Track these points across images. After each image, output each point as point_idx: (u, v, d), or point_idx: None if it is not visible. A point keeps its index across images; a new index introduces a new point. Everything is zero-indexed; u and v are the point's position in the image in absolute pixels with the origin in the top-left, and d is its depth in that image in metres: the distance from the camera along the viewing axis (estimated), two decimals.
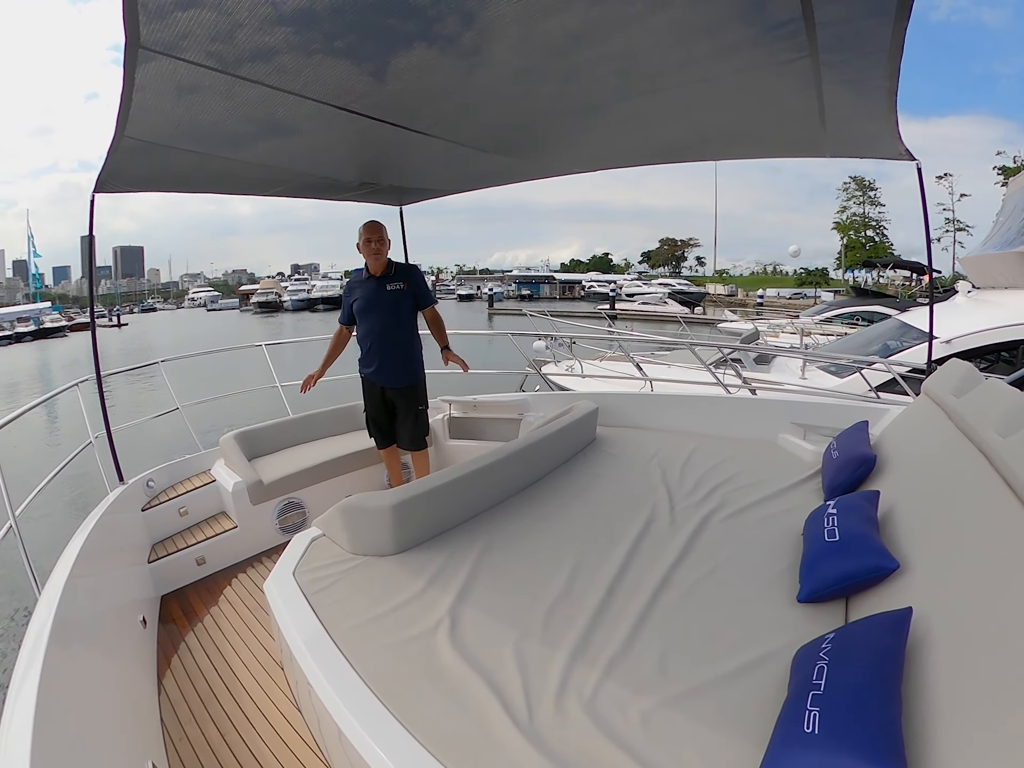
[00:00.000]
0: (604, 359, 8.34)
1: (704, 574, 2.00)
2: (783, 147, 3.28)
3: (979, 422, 2.04)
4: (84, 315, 67.57)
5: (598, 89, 2.30)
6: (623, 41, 1.88)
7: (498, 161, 3.35)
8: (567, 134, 2.91)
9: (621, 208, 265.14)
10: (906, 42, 1.72)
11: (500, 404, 4.21)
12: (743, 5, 1.70)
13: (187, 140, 2.52)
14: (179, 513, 3.25)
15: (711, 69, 2.14)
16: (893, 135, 2.58)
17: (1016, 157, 46.37)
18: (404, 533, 2.25)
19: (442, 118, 2.59)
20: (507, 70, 2.01)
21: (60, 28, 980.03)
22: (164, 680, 2.28)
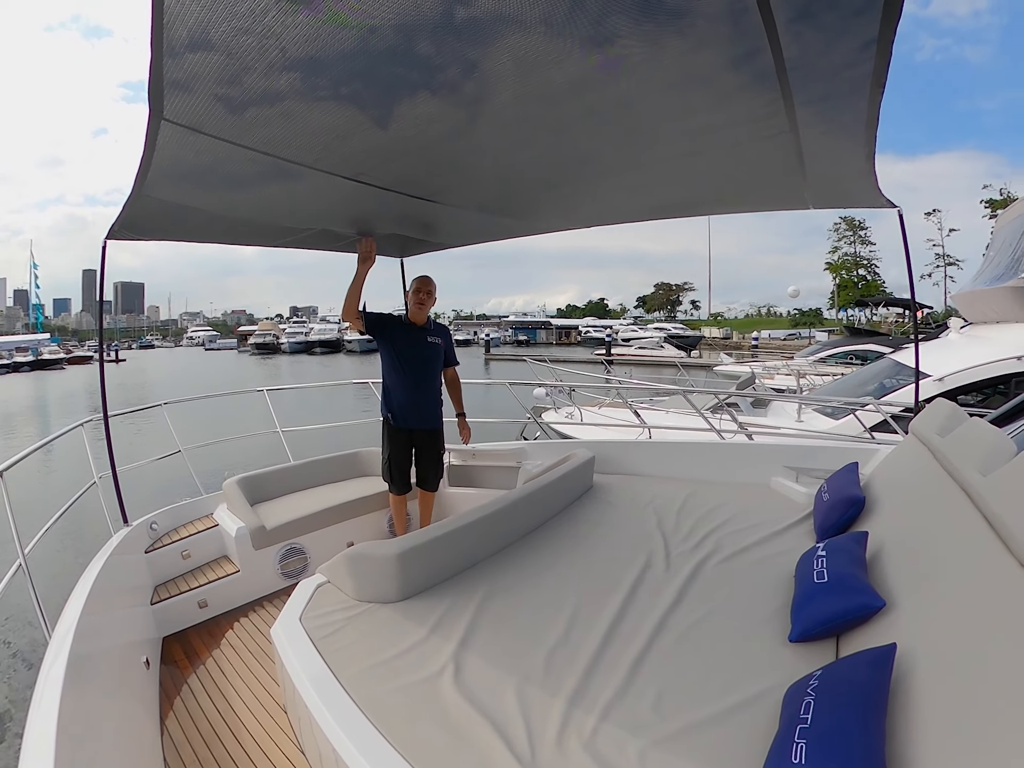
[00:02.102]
0: (603, 406, 8.42)
1: (699, 617, 2.05)
2: (769, 203, 3.43)
3: (961, 461, 2.10)
4: (82, 348, 67.72)
5: (593, 157, 2.46)
6: (616, 117, 2.03)
7: (499, 221, 3.52)
8: (563, 197, 3.07)
9: (617, 254, 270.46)
10: (892, 84, 1.79)
11: (499, 452, 4.29)
12: (728, 88, 1.83)
13: (198, 198, 2.66)
14: (182, 556, 3.29)
15: (699, 143, 2.30)
16: (873, 188, 2.71)
17: (1002, 189, 47.33)
18: (408, 581, 2.30)
19: (443, 186, 2.75)
20: (505, 120, 2.07)
21: (74, 62, 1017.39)
22: (167, 721, 2.29)
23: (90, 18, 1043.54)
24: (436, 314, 32.06)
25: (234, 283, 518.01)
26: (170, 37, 1.38)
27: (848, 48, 1.56)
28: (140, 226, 2.87)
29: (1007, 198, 44.21)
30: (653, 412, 7.48)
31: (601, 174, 2.70)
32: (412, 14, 1.40)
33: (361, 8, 1.38)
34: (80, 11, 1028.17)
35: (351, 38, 1.47)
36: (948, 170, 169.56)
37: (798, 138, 2.15)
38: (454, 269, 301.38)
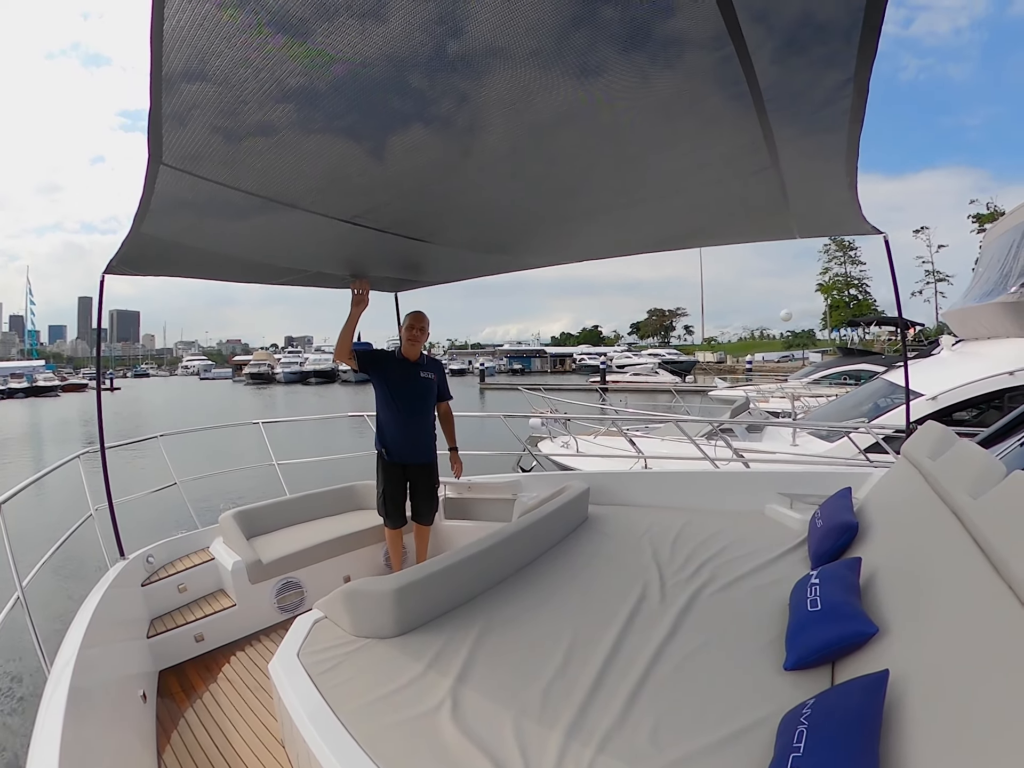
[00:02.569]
0: (598, 435, 8.43)
1: (695, 648, 2.05)
2: (756, 234, 3.50)
3: (952, 484, 2.13)
4: (77, 376, 67.54)
5: (583, 196, 2.52)
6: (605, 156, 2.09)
7: (491, 258, 3.59)
8: (554, 235, 3.13)
9: (610, 281, 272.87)
10: (877, 104, 1.89)
11: (494, 485, 4.30)
12: (712, 122, 1.88)
13: (196, 238, 2.71)
14: (178, 589, 3.28)
15: (686, 181, 2.37)
16: (858, 216, 2.76)
17: (989, 203, 47.99)
18: (405, 616, 2.30)
19: (436, 227, 2.81)
20: (497, 152, 2.10)
21: (73, 89, 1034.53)
22: (164, 755, 2.28)
23: (90, 46, 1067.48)
24: (431, 344, 31.88)
25: (229, 312, 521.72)
26: (168, 69, 1.39)
27: (826, 86, 1.61)
28: (138, 262, 2.91)
29: (994, 212, 44.88)
30: (648, 440, 7.50)
31: (590, 212, 2.76)
32: (404, 47, 1.42)
33: (353, 49, 1.41)
34: (80, 39, 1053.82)
35: (344, 71, 1.49)
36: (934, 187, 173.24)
37: (780, 173, 2.22)
38: (448, 299, 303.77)
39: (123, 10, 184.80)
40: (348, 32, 1.34)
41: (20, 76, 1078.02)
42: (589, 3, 1.30)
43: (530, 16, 1.32)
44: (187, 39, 1.30)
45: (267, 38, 1.35)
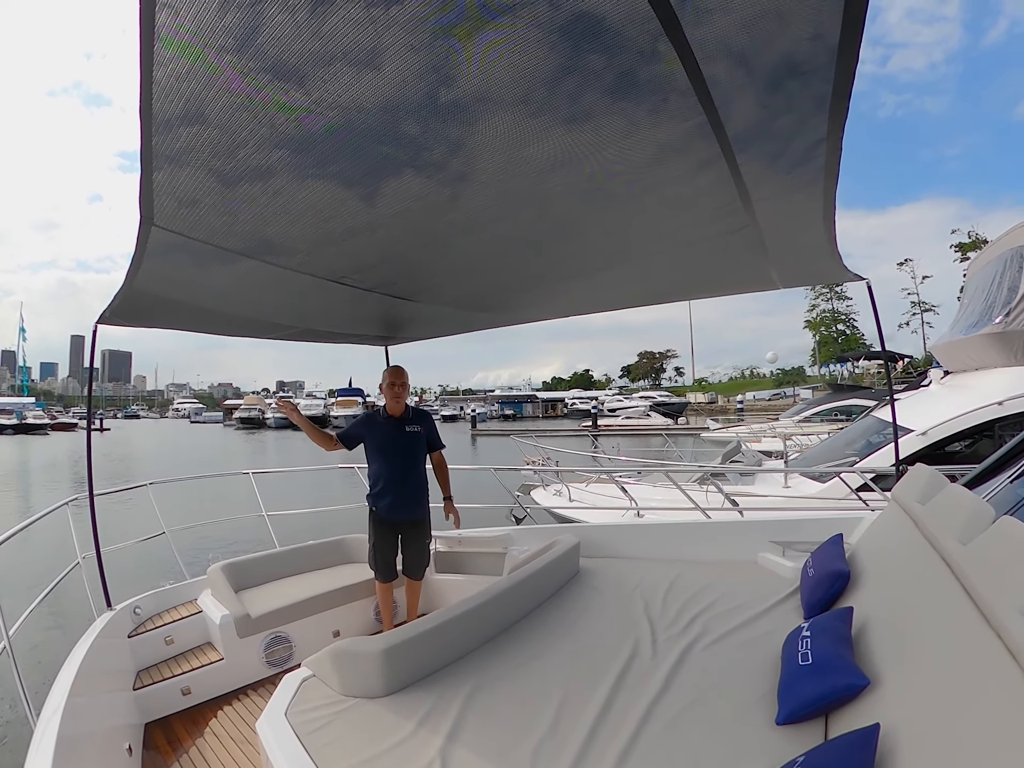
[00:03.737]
0: (590, 482, 8.41)
1: (686, 704, 2.03)
2: (740, 287, 3.60)
3: (941, 530, 2.13)
4: (67, 415, 66.81)
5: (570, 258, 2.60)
6: (588, 226, 2.17)
7: (479, 316, 3.67)
8: (540, 293, 3.22)
9: (600, 325, 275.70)
10: (857, 141, 2.00)
11: (485, 539, 4.26)
12: (690, 194, 1.97)
13: (188, 294, 2.77)
14: (165, 642, 3.23)
15: (668, 243, 2.45)
16: (839, 267, 2.84)
17: (971, 232, 48.73)
18: (394, 676, 2.27)
19: (424, 287, 2.88)
20: (487, 199, 2.12)
21: (72, 128, 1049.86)
22: None
23: (91, 85, 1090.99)
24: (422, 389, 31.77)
25: (221, 355, 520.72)
26: (165, 114, 1.43)
27: (799, 148, 1.67)
28: (130, 315, 2.96)
29: (976, 240, 45.58)
30: (641, 488, 7.47)
31: (575, 272, 2.84)
32: (396, 96, 1.46)
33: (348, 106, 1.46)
34: (82, 78, 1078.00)
35: (337, 116, 1.53)
36: (917, 219, 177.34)
37: (759, 230, 2.30)
38: (439, 344, 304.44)
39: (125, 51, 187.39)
40: (342, 79, 1.38)
41: (21, 112, 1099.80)
42: (579, 53, 1.32)
43: (520, 65, 1.36)
44: (185, 84, 1.34)
45: (264, 86, 1.38)
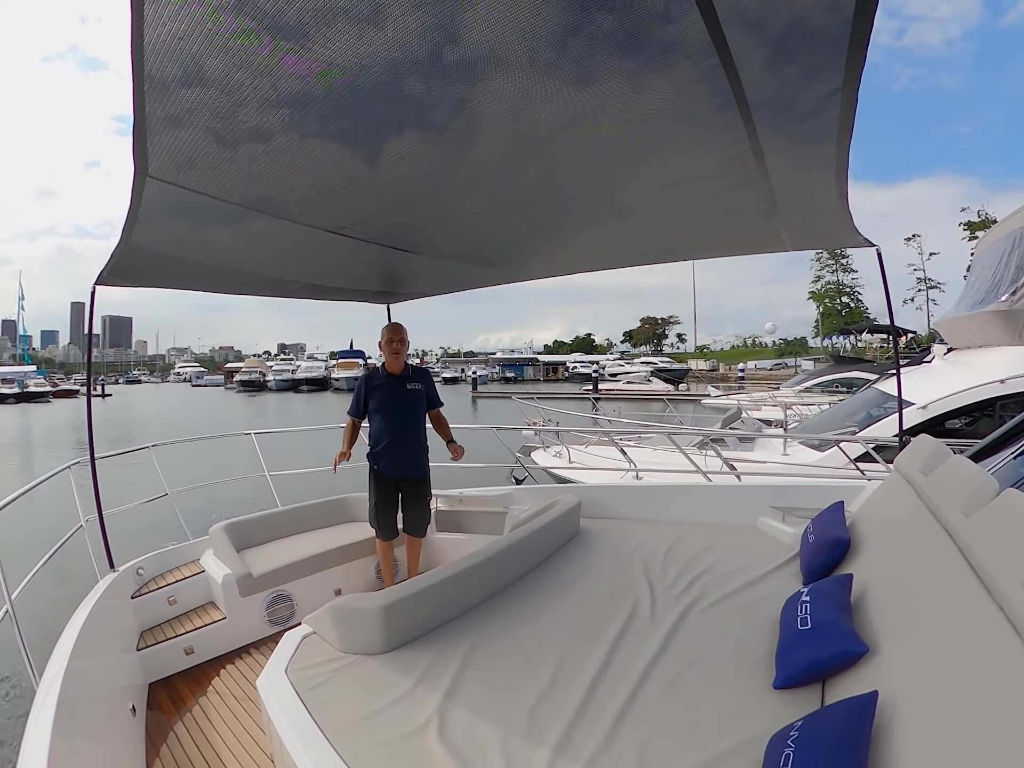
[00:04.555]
0: (590, 444, 8.43)
1: (684, 666, 2.04)
2: (749, 247, 3.53)
3: (944, 501, 2.12)
4: (68, 382, 66.98)
5: (575, 210, 2.53)
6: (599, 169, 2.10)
7: (481, 271, 3.60)
8: (545, 246, 3.14)
9: (603, 289, 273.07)
10: (870, 114, 1.91)
11: (486, 498, 4.29)
12: (700, 142, 1.90)
13: (186, 249, 2.71)
14: (168, 602, 3.26)
15: (676, 194, 2.38)
16: (850, 228, 2.78)
17: (980, 211, 48.24)
18: (394, 633, 2.28)
19: (426, 238, 2.81)
20: (489, 160, 2.09)
21: (69, 93, 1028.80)
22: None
23: (86, 50, 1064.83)
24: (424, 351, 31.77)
25: (222, 319, 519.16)
26: (161, 73, 1.39)
27: (813, 97, 1.61)
28: (129, 274, 2.91)
29: (985, 220, 45.09)
30: (641, 450, 7.49)
31: (581, 224, 2.77)
32: (401, 55, 1.42)
33: (351, 65, 1.42)
34: (77, 42, 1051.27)
35: (339, 76, 1.50)
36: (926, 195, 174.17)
37: (770, 184, 2.23)
38: (441, 307, 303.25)
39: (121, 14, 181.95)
40: (345, 38, 1.34)
41: (16, 79, 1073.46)
42: (586, 11, 1.29)
43: (527, 23, 1.32)
44: (183, 44, 1.30)
45: (264, 44, 1.34)
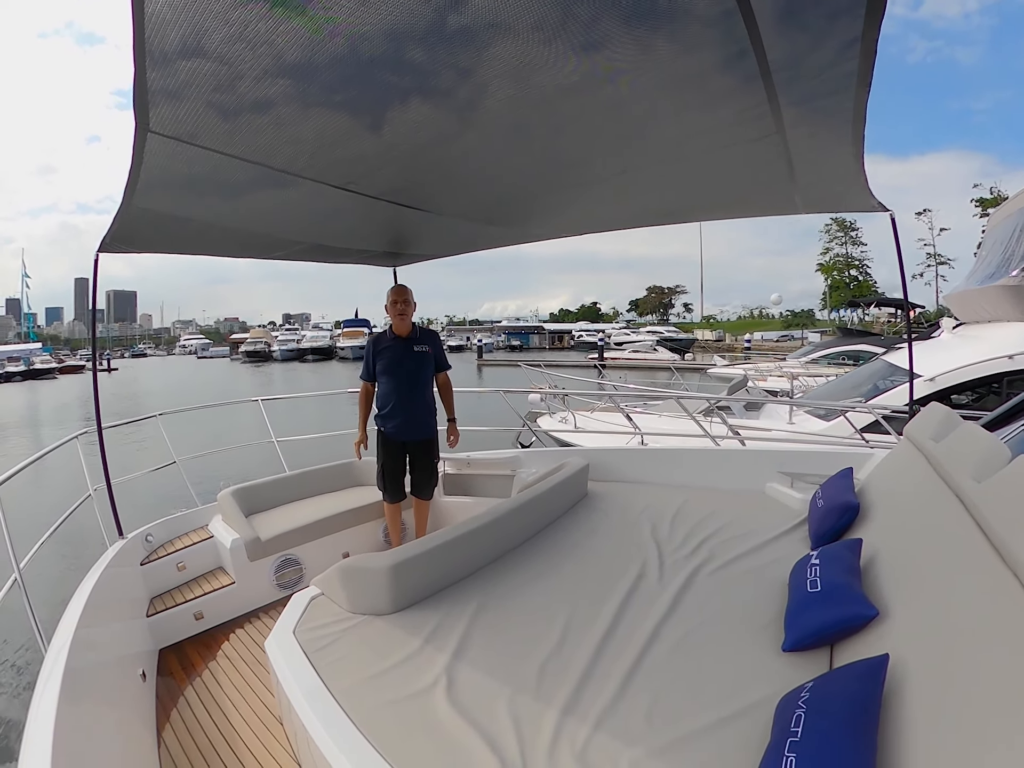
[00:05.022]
0: (596, 410, 8.42)
1: (692, 627, 2.04)
2: (760, 208, 3.45)
3: (955, 468, 2.10)
4: (74, 358, 67.26)
5: (584, 164, 2.47)
6: (607, 120, 2.04)
7: (488, 230, 3.53)
8: (553, 204, 3.07)
9: (609, 258, 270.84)
10: (884, 85, 1.85)
11: (493, 461, 4.30)
12: (715, 89, 1.84)
13: (189, 209, 2.66)
14: (177, 568, 3.29)
15: (688, 147, 2.31)
16: (864, 191, 2.70)
17: (993, 188, 47.41)
18: (401, 593, 2.29)
19: (433, 194, 2.75)
20: (499, 125, 2.07)
21: (66, 69, 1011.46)
22: (164, 733, 2.29)
23: (83, 24, 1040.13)
24: (429, 320, 31.86)
25: (227, 291, 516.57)
26: (161, 45, 1.36)
27: (832, 47, 1.56)
28: (132, 238, 2.86)
29: (997, 197, 44.26)
30: (646, 416, 7.48)
31: (590, 181, 2.70)
32: (404, 21, 1.39)
33: (352, 20, 1.38)
34: (73, 17, 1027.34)
35: (342, 44, 1.46)
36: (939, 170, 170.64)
37: (785, 139, 2.16)
38: (446, 275, 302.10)
39: None
40: (347, 1, 1.31)
41: (13, 57, 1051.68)
42: None
43: None
44: (180, 13, 1.27)
45: (265, 8, 1.31)
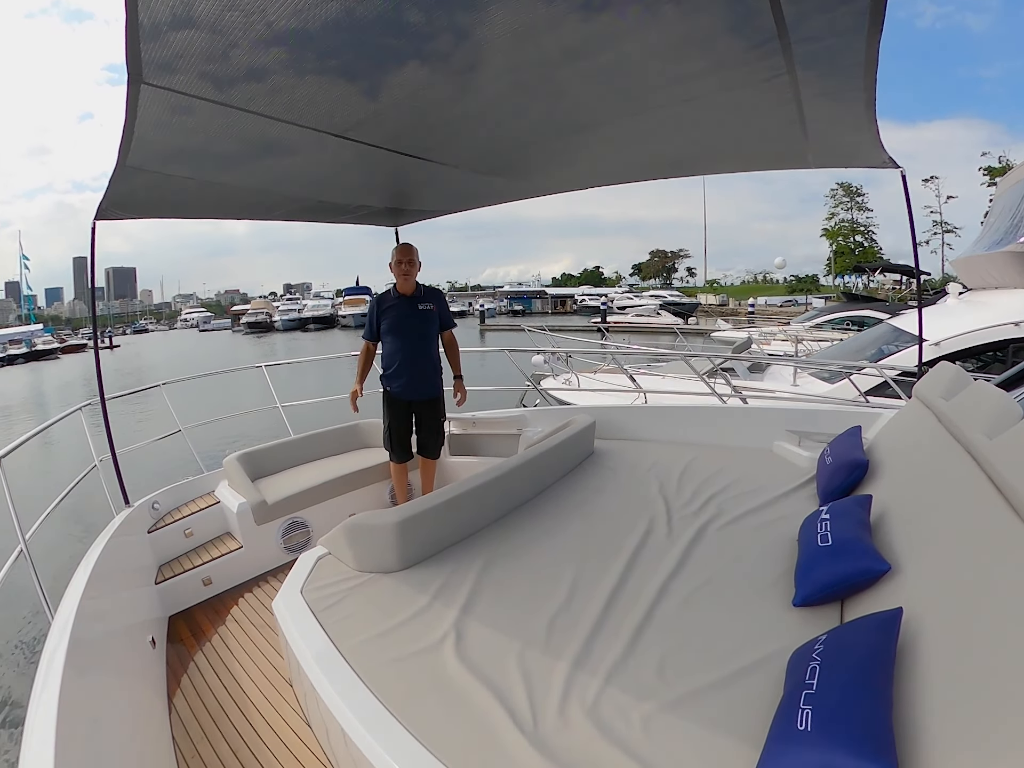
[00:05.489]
0: (599, 371, 8.38)
1: (702, 582, 2.04)
2: (769, 161, 3.36)
3: (967, 424, 2.08)
4: (76, 337, 67.17)
5: (587, 108, 2.38)
6: (611, 62, 1.96)
7: (491, 182, 3.43)
8: (558, 154, 2.98)
9: (612, 221, 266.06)
10: (892, 50, 1.79)
11: (499, 420, 4.28)
12: (720, 26, 1.77)
13: (186, 167, 2.58)
14: (184, 534, 3.28)
15: (693, 88, 2.22)
16: (875, 144, 2.63)
17: (1001, 157, 46.62)
18: (408, 550, 2.29)
19: (435, 143, 2.66)
20: (500, 87, 2.04)
21: (55, 48, 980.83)
22: (174, 699, 2.30)
23: (70, 2, 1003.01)
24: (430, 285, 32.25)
25: (227, 263, 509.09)
26: (152, 14, 1.34)
27: None
28: (128, 203, 2.80)
29: (1006, 166, 43.64)
30: (650, 378, 7.45)
31: (597, 123, 2.60)
32: None
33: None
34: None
35: (336, 8, 1.44)
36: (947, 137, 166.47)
37: (796, 80, 2.07)
38: (447, 240, 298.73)
39: None
40: None
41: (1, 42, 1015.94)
42: None
43: None
44: None
45: None
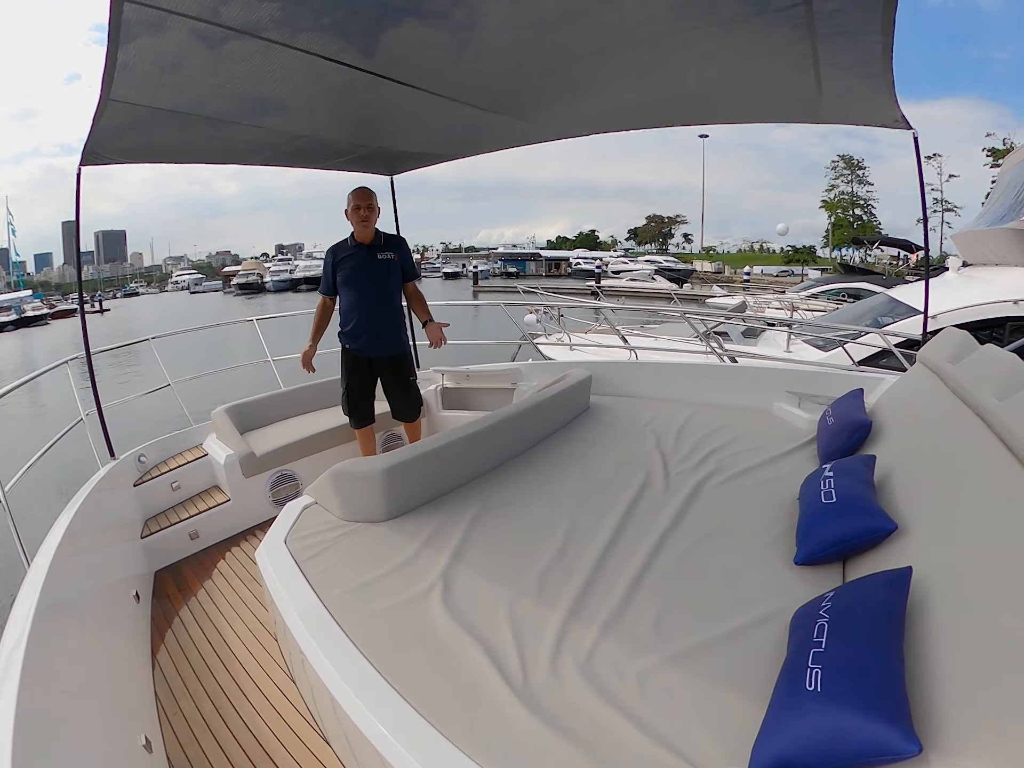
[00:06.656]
0: (592, 331, 8.30)
1: (699, 538, 1.99)
2: (777, 111, 3.22)
3: (976, 387, 2.03)
4: (66, 302, 66.50)
5: (596, 37, 2.24)
6: None
7: (490, 120, 3.26)
8: (561, 91, 2.84)
9: (608, 185, 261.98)
10: (901, 27, 1.71)
11: (493, 374, 4.20)
12: None
13: (171, 100, 2.43)
14: (171, 488, 3.22)
15: (704, 29, 2.09)
16: (889, 98, 2.52)
17: (1005, 139, 46.39)
18: (396, 498, 2.22)
19: (432, 70, 2.51)
20: (500, 43, 1.97)
21: (40, 8, 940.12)
22: (158, 655, 2.25)
23: None
24: (424, 247, 31.09)
25: (218, 224, 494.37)
26: None
27: None
28: (112, 145, 2.64)
29: (1010, 148, 43.56)
30: (643, 339, 7.38)
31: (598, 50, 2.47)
32: None
33: None
34: None
35: None
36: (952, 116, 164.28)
37: (811, 14, 1.94)
38: (442, 201, 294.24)
39: None
40: None
41: None
42: None
43: None
44: None
45: None
